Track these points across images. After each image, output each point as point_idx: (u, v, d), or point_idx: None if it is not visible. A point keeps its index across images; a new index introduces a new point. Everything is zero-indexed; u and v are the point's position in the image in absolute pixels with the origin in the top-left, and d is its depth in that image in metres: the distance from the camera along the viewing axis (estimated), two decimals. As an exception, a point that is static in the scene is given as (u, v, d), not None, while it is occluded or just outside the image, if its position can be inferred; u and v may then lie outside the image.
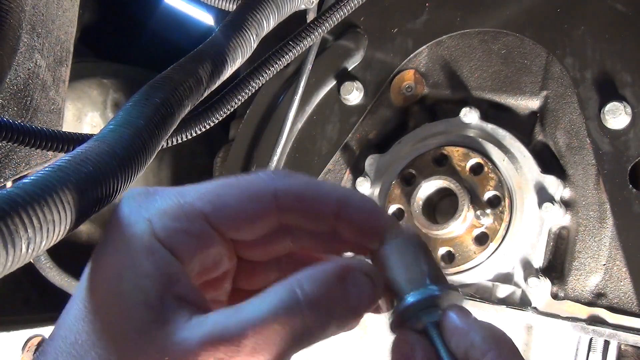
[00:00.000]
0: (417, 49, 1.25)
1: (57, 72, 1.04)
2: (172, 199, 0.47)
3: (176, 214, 0.46)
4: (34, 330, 1.39)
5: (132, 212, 0.46)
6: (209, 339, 0.41)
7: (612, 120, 1.03)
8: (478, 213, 1.07)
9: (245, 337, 0.41)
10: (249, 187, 0.48)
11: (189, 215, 0.46)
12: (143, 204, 0.46)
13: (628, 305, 0.98)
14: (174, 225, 0.45)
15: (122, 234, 0.45)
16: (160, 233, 0.45)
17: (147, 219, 0.45)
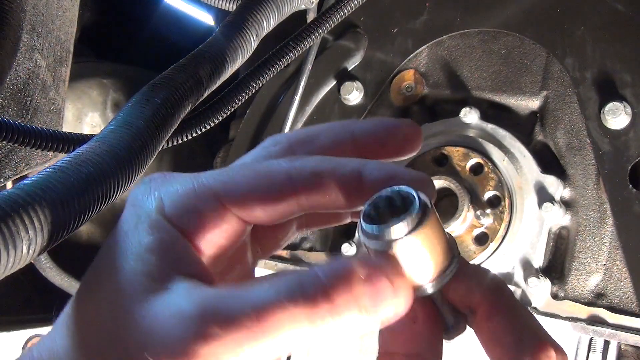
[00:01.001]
0: (417, 49, 1.25)
1: (57, 72, 1.04)
2: (186, 180, 0.47)
3: (188, 193, 0.45)
4: (34, 330, 1.39)
5: (145, 192, 0.46)
6: (204, 310, 0.39)
7: (612, 120, 1.03)
8: (478, 213, 1.07)
9: (245, 316, 0.39)
10: (263, 167, 0.47)
11: (200, 195, 0.45)
12: (157, 186, 0.47)
13: (628, 305, 0.98)
14: (183, 203, 0.45)
15: (132, 212, 0.46)
16: (170, 210, 0.45)
17: (158, 197, 0.46)
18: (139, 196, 0.46)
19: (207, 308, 0.40)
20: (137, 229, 0.44)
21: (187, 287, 0.42)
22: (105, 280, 0.44)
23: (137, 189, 0.47)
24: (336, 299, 0.40)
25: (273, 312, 0.39)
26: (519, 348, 0.44)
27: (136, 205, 0.46)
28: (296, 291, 0.40)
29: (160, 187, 0.47)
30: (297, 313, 0.39)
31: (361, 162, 0.46)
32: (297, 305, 0.39)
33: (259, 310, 0.39)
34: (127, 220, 0.46)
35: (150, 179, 0.48)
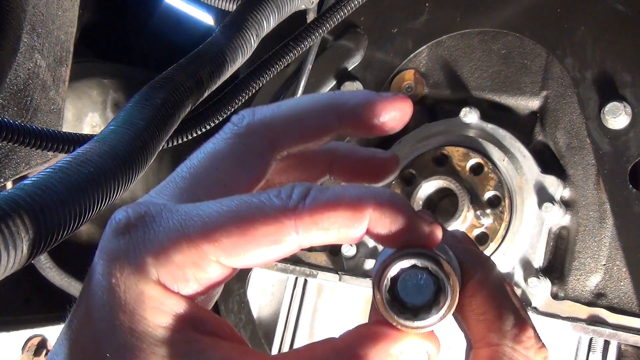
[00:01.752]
0: (417, 49, 1.25)
1: (57, 72, 1.04)
2: (175, 234, 0.41)
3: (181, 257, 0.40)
4: (34, 330, 1.39)
5: (129, 251, 0.40)
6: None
7: (612, 120, 1.03)
8: (478, 213, 1.07)
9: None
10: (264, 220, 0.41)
11: (197, 261, 0.40)
12: (140, 240, 0.41)
13: (628, 305, 0.98)
14: (178, 270, 0.40)
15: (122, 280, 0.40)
16: (165, 279, 0.40)
17: (148, 262, 0.40)
18: (121, 254, 0.41)
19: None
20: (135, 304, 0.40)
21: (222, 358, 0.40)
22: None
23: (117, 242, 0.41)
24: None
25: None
26: (500, 327, 0.44)
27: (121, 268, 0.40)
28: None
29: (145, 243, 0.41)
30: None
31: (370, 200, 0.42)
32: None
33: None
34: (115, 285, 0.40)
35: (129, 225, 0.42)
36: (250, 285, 1.30)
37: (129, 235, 0.41)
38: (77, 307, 0.42)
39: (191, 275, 0.41)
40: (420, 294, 0.42)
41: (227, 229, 0.40)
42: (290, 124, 0.47)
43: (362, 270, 1.17)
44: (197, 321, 0.41)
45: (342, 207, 0.41)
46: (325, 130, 0.47)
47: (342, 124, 0.47)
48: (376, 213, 0.41)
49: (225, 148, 0.46)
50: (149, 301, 0.40)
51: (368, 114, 0.47)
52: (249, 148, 0.46)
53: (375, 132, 0.48)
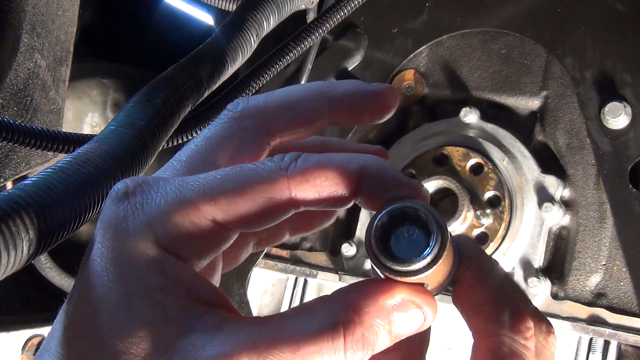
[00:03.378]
0: (417, 49, 1.25)
1: (57, 72, 1.04)
2: (171, 196, 0.41)
3: (178, 217, 0.41)
4: (34, 330, 1.39)
5: (128, 215, 0.41)
6: (245, 353, 0.38)
7: (612, 120, 1.03)
8: (478, 213, 1.07)
9: (282, 356, 0.38)
10: (258, 180, 0.42)
11: (194, 218, 0.41)
12: (139, 205, 0.41)
13: (628, 305, 0.98)
14: (177, 229, 0.41)
15: (120, 242, 0.40)
16: (164, 239, 0.40)
17: (147, 223, 0.40)
18: (120, 219, 0.41)
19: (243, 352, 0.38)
20: (131, 262, 0.40)
21: (212, 324, 0.40)
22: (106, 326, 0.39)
23: (114, 207, 0.42)
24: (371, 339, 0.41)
25: (311, 350, 0.39)
26: (497, 318, 0.44)
27: (120, 232, 0.41)
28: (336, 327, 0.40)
29: (144, 206, 0.41)
30: (334, 352, 0.39)
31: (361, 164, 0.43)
32: (337, 344, 0.39)
33: (297, 350, 0.39)
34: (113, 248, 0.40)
35: (127, 192, 0.42)
36: (250, 285, 1.30)
37: (127, 201, 0.42)
38: (76, 282, 0.42)
39: (189, 235, 0.41)
40: (412, 249, 0.43)
41: (223, 188, 0.41)
42: (282, 109, 0.48)
43: (362, 270, 1.17)
44: (193, 287, 0.41)
45: (332, 165, 0.42)
46: (316, 116, 0.48)
47: (332, 110, 0.49)
48: (366, 172, 0.43)
49: (220, 131, 0.48)
50: (147, 263, 0.40)
51: (356, 101, 0.49)
52: (243, 131, 0.47)
53: (363, 119, 0.50)
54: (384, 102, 0.49)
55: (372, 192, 0.43)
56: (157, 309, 0.39)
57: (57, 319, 0.42)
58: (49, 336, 0.42)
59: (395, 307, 0.42)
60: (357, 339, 0.40)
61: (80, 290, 0.41)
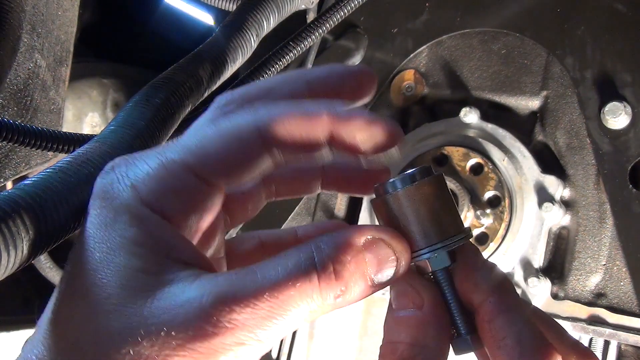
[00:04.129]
0: (417, 49, 1.25)
1: (57, 72, 1.04)
2: (153, 160, 0.43)
3: (160, 174, 0.43)
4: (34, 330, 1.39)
5: (114, 182, 0.43)
6: (222, 298, 0.39)
7: (612, 120, 1.03)
8: (478, 213, 1.07)
9: (260, 299, 0.39)
10: (229, 128, 0.44)
11: (172, 173, 0.43)
12: (124, 172, 0.44)
13: (628, 305, 0.98)
14: (159, 186, 0.42)
15: (107, 207, 0.42)
16: (148, 197, 0.42)
17: (131, 185, 0.43)
18: (107, 188, 0.43)
19: (221, 296, 0.39)
20: (116, 222, 0.42)
21: (190, 276, 0.41)
22: (90, 281, 0.41)
23: (101, 180, 0.44)
24: (344, 275, 0.41)
25: (289, 293, 0.40)
26: (519, 353, 0.43)
27: (107, 198, 0.43)
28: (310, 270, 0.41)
29: (127, 172, 0.44)
30: (312, 292, 0.40)
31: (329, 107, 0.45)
32: (312, 285, 0.40)
33: (273, 292, 0.40)
34: (100, 214, 0.43)
35: (113, 165, 0.45)
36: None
37: (113, 172, 0.44)
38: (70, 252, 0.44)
39: (171, 191, 0.43)
40: None
41: (197, 141, 0.44)
42: (263, 92, 0.50)
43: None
44: (173, 246, 0.42)
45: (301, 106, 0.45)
46: (294, 95, 0.49)
47: (311, 91, 0.50)
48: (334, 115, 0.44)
49: (206, 116, 0.49)
50: (129, 219, 0.41)
51: (332, 79, 0.50)
52: (226, 114, 0.48)
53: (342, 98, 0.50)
54: (359, 80, 0.50)
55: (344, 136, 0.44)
56: (137, 261, 0.41)
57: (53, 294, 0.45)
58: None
59: (365, 245, 0.43)
60: (330, 278, 0.41)
61: (71, 257, 0.43)
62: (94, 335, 0.40)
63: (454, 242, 0.46)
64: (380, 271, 0.43)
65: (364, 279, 0.42)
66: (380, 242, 0.43)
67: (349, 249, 0.42)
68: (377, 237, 0.43)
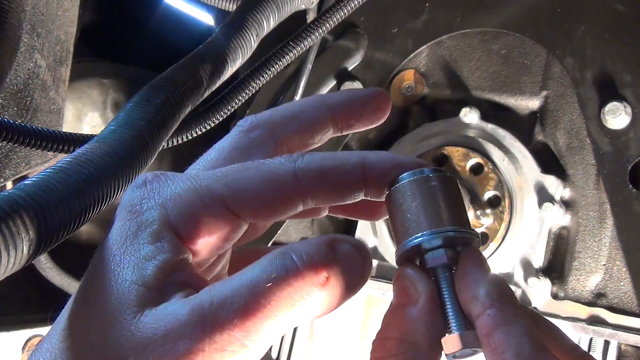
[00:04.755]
0: (417, 49, 1.25)
1: (57, 72, 1.04)
2: (186, 183, 0.44)
3: (192, 199, 0.43)
4: (34, 330, 1.39)
5: (144, 197, 0.44)
6: (198, 306, 0.40)
7: (612, 120, 1.03)
8: (478, 213, 1.07)
9: (237, 300, 0.40)
10: (267, 169, 0.45)
11: (205, 202, 0.43)
12: (156, 189, 0.44)
13: (628, 305, 0.98)
14: (189, 210, 0.43)
15: (132, 220, 0.44)
16: (175, 219, 0.43)
17: (161, 203, 0.44)
18: (136, 201, 0.44)
19: (202, 307, 0.40)
20: (137, 237, 0.43)
21: (181, 295, 0.42)
22: (101, 289, 0.42)
23: (133, 193, 0.45)
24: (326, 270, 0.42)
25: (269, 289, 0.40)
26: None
27: (134, 212, 0.44)
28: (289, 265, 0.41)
29: (160, 191, 0.44)
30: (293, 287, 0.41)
31: (362, 156, 0.47)
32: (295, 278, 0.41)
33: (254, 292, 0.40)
34: (124, 227, 0.44)
35: (146, 181, 0.45)
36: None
37: (145, 187, 0.45)
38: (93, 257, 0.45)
39: (200, 217, 0.43)
40: None
41: (235, 176, 0.45)
42: (288, 118, 0.52)
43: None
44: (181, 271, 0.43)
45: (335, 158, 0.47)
46: (319, 121, 0.53)
47: (333, 115, 0.53)
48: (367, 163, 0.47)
49: (231, 142, 0.52)
50: (149, 236, 0.43)
51: (354, 104, 0.54)
52: (252, 140, 0.51)
53: (362, 121, 0.55)
54: (378, 104, 0.54)
55: (378, 180, 0.47)
56: (139, 275, 0.42)
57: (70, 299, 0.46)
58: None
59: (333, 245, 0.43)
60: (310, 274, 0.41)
61: (90, 265, 0.45)
62: (95, 350, 0.41)
63: (452, 232, 0.45)
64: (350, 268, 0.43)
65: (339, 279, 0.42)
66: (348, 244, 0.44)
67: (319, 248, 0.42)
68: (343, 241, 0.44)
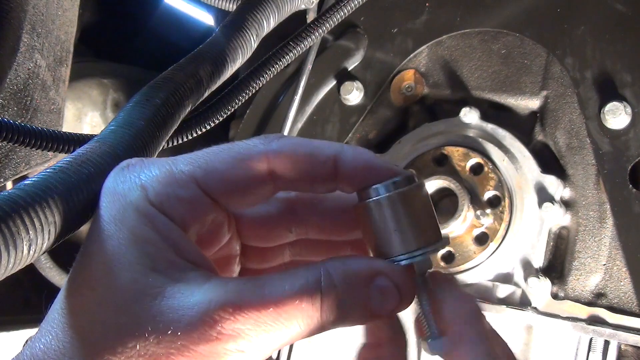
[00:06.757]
0: (417, 49, 1.25)
1: (57, 72, 1.04)
2: (163, 166, 0.46)
3: (168, 180, 0.45)
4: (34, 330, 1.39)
5: (126, 180, 0.45)
6: (229, 306, 0.40)
7: (612, 120, 1.03)
8: (478, 213, 1.07)
9: (264, 312, 0.41)
10: (239, 150, 0.47)
11: (180, 181, 0.45)
12: (135, 173, 0.46)
13: (628, 305, 0.98)
14: (166, 190, 0.45)
15: (117, 202, 0.44)
16: (154, 199, 0.44)
17: (141, 185, 0.45)
18: (118, 185, 0.45)
19: (228, 304, 0.41)
20: (125, 217, 0.43)
21: (199, 277, 0.42)
22: (100, 274, 0.43)
23: (112, 178, 0.46)
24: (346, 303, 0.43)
25: (291, 311, 0.41)
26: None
27: (117, 194, 0.45)
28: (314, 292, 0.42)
29: (140, 173, 0.46)
30: (313, 314, 0.42)
31: (337, 150, 0.47)
32: (314, 307, 0.42)
33: (277, 308, 0.41)
34: (111, 209, 0.44)
35: (128, 165, 0.47)
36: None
37: (127, 170, 0.46)
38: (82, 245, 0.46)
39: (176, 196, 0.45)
40: None
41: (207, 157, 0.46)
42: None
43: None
44: (180, 246, 0.44)
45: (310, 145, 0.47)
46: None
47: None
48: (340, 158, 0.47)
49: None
50: (139, 217, 0.43)
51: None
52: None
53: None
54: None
55: (349, 178, 0.47)
56: (147, 259, 0.42)
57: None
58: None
59: (374, 280, 0.44)
60: (333, 302, 0.42)
61: (83, 248, 0.45)
62: (103, 327, 0.42)
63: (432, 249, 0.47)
64: (382, 305, 0.44)
65: (364, 309, 0.44)
66: (388, 280, 0.44)
67: (357, 280, 0.43)
68: (386, 272, 0.44)
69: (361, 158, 0.47)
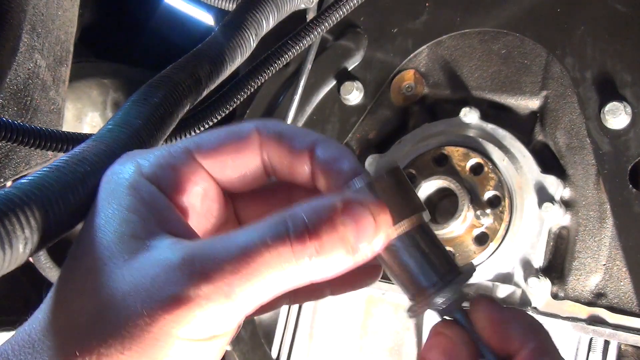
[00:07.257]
0: (417, 49, 1.25)
1: (57, 72, 1.04)
2: (161, 147, 0.49)
3: (163, 154, 0.48)
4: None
5: (123, 163, 0.48)
6: (190, 257, 0.40)
7: (612, 120, 1.03)
8: (478, 213, 1.07)
9: (229, 259, 0.39)
10: (235, 127, 0.50)
11: (173, 153, 0.48)
12: (132, 155, 0.49)
13: (628, 305, 0.98)
14: (159, 162, 0.47)
15: (112, 181, 0.47)
16: (147, 171, 0.46)
17: (135, 162, 0.47)
18: (116, 170, 0.48)
19: (193, 256, 0.40)
20: (115, 193, 0.45)
21: (171, 242, 0.42)
22: (89, 248, 0.44)
23: (112, 168, 0.48)
24: (323, 237, 0.41)
25: (260, 252, 0.40)
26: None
27: (113, 175, 0.47)
28: (282, 231, 0.41)
29: (135, 155, 0.49)
30: (284, 252, 0.40)
31: (315, 141, 0.49)
32: (285, 244, 0.40)
33: (245, 252, 0.40)
34: (106, 189, 0.46)
35: (129, 152, 0.50)
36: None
37: (126, 156, 0.49)
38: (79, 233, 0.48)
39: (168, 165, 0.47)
40: None
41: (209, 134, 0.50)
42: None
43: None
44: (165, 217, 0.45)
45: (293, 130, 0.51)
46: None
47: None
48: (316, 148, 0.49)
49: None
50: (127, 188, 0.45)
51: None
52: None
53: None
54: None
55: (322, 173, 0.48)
56: (128, 227, 0.43)
57: None
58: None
59: (342, 208, 0.42)
60: (303, 238, 0.40)
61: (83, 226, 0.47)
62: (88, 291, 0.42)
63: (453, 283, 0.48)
64: (359, 236, 0.41)
65: (341, 241, 0.41)
66: (357, 205, 0.42)
67: (325, 209, 0.41)
68: (356, 201, 0.42)
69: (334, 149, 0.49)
